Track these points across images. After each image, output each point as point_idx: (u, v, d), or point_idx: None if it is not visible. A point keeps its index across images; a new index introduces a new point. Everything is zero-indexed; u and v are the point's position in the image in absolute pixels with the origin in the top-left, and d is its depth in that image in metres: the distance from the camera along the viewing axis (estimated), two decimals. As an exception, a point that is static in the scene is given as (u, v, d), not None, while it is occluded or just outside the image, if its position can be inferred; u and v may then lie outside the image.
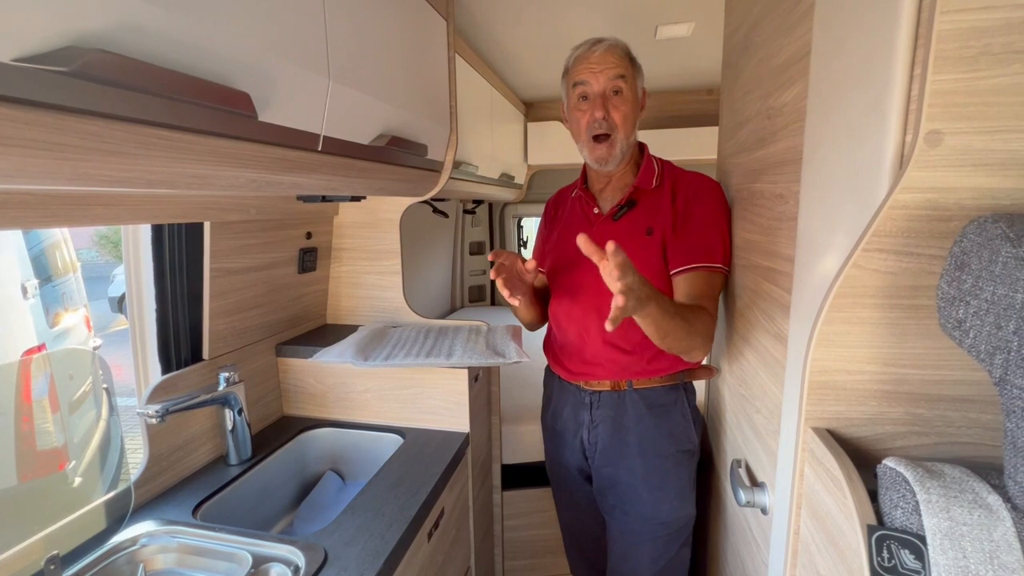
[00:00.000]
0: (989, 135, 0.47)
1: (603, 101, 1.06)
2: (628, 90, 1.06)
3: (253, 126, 0.66)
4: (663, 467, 1.12)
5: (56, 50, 0.42)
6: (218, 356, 1.19)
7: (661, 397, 1.13)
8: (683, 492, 1.14)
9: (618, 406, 1.13)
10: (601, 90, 1.06)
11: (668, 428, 1.12)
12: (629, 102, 1.07)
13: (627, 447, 1.13)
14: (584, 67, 1.07)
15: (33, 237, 2.43)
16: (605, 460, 1.15)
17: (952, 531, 0.40)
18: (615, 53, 1.06)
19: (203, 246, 1.11)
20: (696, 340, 0.95)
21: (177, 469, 1.09)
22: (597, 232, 1.12)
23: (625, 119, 1.07)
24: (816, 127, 0.68)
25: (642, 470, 1.12)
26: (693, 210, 1.07)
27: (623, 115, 1.06)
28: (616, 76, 1.05)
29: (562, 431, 1.22)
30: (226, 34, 0.58)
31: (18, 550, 0.77)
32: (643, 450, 1.12)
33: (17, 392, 1.55)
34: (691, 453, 1.16)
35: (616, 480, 1.15)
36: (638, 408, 1.12)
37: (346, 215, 1.54)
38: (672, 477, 1.13)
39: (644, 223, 1.09)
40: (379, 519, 0.96)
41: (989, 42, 0.46)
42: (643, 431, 1.12)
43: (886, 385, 0.55)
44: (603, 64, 1.05)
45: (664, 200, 1.09)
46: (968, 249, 0.43)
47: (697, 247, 1.04)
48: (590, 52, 1.07)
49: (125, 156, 0.53)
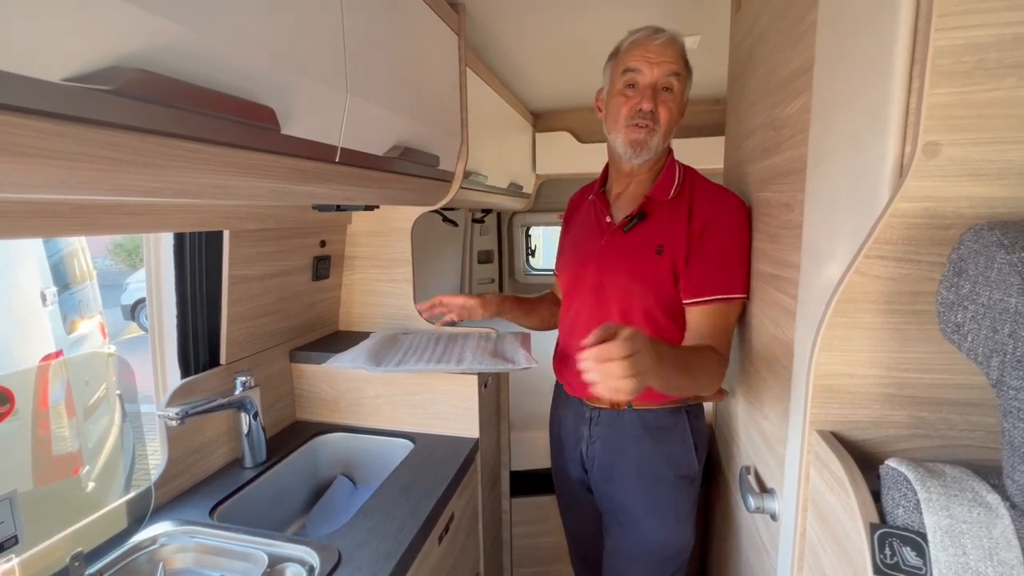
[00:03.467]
0: (985, 146, 0.49)
1: (653, 93, 0.99)
2: (679, 90, 1.01)
3: (276, 139, 0.69)
4: (659, 491, 1.09)
5: (100, 70, 0.45)
6: (235, 361, 1.22)
7: (661, 419, 1.08)
8: (680, 518, 1.10)
9: (616, 425, 1.10)
10: (653, 81, 0.99)
11: (666, 452, 1.08)
12: (677, 101, 1.01)
13: (624, 467, 1.10)
14: (640, 54, 0.99)
15: (52, 245, 2.49)
16: (603, 476, 1.13)
17: (952, 528, 0.41)
18: (674, 48, 1.00)
19: (222, 254, 1.14)
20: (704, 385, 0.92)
21: (194, 471, 1.11)
22: (606, 243, 1.09)
23: (670, 117, 1.01)
24: (819, 138, 0.70)
25: (638, 492, 1.09)
26: (713, 234, 0.99)
27: (669, 112, 1.00)
28: (672, 72, 0.99)
29: (564, 440, 1.21)
30: (253, 52, 0.61)
31: (45, 546, 0.80)
32: (640, 472, 1.09)
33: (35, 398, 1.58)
34: (690, 479, 1.10)
35: (612, 498, 1.13)
36: (636, 429, 1.08)
37: (359, 224, 1.57)
38: (668, 502, 1.09)
39: (655, 239, 1.03)
40: (391, 522, 0.98)
41: (983, 57, 0.48)
42: (640, 453, 1.08)
43: (889, 389, 0.56)
44: (662, 56, 0.98)
45: (680, 215, 1.02)
46: (965, 256, 0.44)
47: (715, 277, 0.98)
48: (649, 40, 0.99)
49: (157, 168, 0.56)
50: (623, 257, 1.06)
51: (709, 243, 0.99)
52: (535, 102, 2.39)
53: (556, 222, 2.93)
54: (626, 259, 1.06)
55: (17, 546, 0.73)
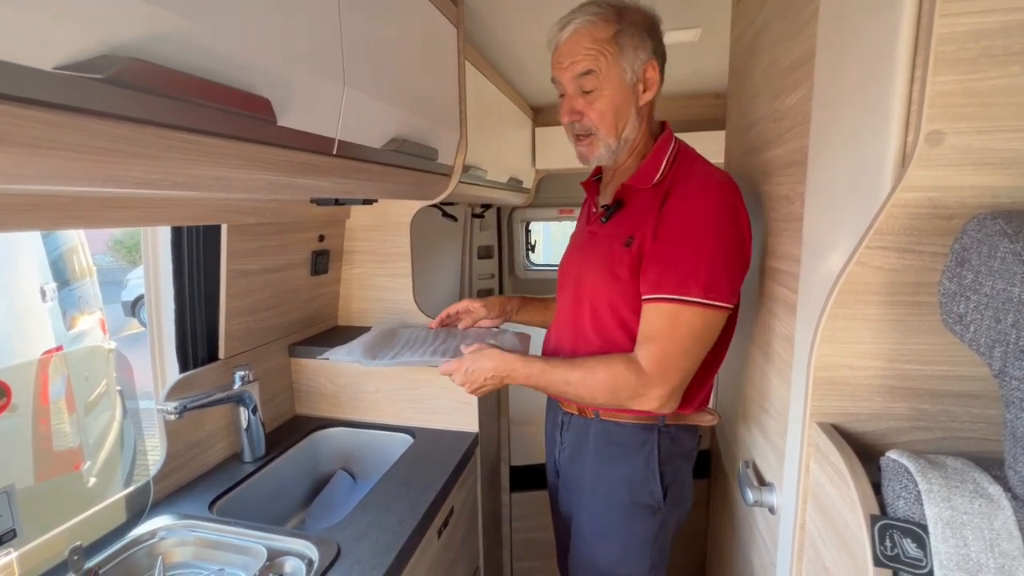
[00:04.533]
0: (989, 135, 0.48)
1: (571, 102, 0.92)
2: (603, 84, 0.89)
3: (272, 130, 0.68)
4: (613, 515, 0.99)
5: (93, 58, 0.45)
6: (233, 356, 1.22)
7: (627, 436, 0.97)
8: (630, 550, 0.98)
9: (582, 434, 1.02)
10: (571, 90, 0.92)
11: (625, 474, 0.97)
12: (605, 97, 0.90)
13: (582, 481, 1.02)
14: (555, 61, 0.93)
15: (52, 242, 2.48)
16: (566, 485, 1.08)
17: (953, 520, 0.41)
18: (584, 40, 0.88)
19: (220, 248, 1.14)
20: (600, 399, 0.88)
21: (193, 466, 1.11)
22: (589, 235, 1.04)
23: (603, 117, 0.91)
24: (821, 129, 0.70)
25: (591, 510, 1.01)
26: (670, 222, 0.86)
27: (599, 113, 0.90)
28: (582, 72, 0.88)
29: (547, 442, 1.18)
30: (249, 42, 0.60)
31: (44, 540, 0.80)
32: (595, 490, 1.00)
33: (35, 394, 1.59)
34: (651, 508, 0.97)
35: (571, 510, 1.06)
36: (599, 441, 0.99)
37: (358, 218, 1.56)
38: (620, 529, 0.98)
39: (627, 230, 0.93)
40: (390, 515, 0.98)
41: (988, 44, 0.47)
42: (598, 469, 1.00)
43: (890, 380, 0.56)
44: (570, 56, 0.89)
45: (655, 203, 0.90)
46: (968, 245, 0.44)
47: (667, 273, 0.84)
48: (558, 40, 0.91)
49: (153, 159, 0.56)
50: (597, 250, 0.99)
51: (664, 232, 0.86)
52: (535, 96, 2.37)
53: (556, 217, 2.92)
54: (599, 252, 0.98)
55: (15, 540, 0.73)
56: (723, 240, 0.84)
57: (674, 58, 1.90)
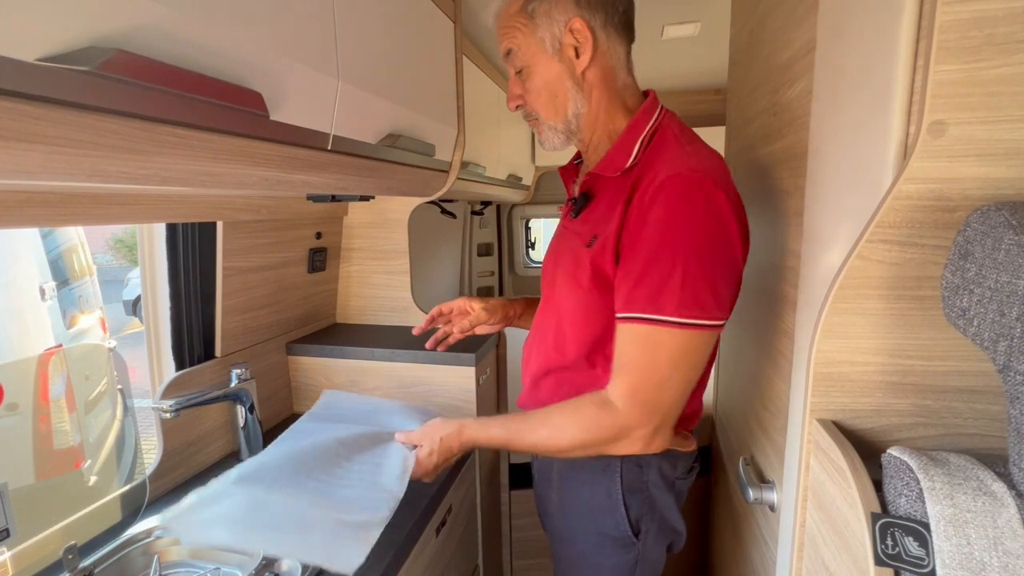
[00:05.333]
0: (993, 125, 0.47)
1: (511, 87, 0.85)
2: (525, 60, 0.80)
3: (265, 125, 0.67)
4: (580, 545, 0.89)
5: (77, 50, 0.44)
6: (230, 354, 1.21)
7: (589, 460, 0.84)
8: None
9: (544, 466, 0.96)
10: (510, 75, 0.85)
11: (586, 503, 0.87)
12: (534, 76, 0.81)
13: (548, 504, 0.95)
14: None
15: (51, 240, 2.48)
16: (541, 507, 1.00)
17: (956, 518, 0.40)
18: (502, 20, 0.82)
19: (216, 245, 1.13)
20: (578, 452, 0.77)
21: (190, 464, 1.11)
22: (563, 230, 0.93)
23: (537, 96, 0.82)
24: (821, 121, 0.69)
25: (561, 536, 0.92)
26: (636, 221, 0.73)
27: (533, 94, 0.82)
28: (504, 55, 0.83)
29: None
30: (239, 35, 0.59)
31: (38, 539, 0.79)
32: (562, 514, 0.91)
33: (35, 392, 1.58)
34: (619, 542, 0.85)
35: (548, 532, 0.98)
36: (562, 463, 0.89)
37: (355, 215, 1.56)
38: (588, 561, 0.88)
39: (591, 228, 0.81)
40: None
41: (992, 32, 0.46)
42: (563, 493, 0.90)
43: (891, 376, 0.55)
44: (500, 37, 0.83)
45: (622, 195, 0.76)
46: (972, 238, 0.43)
47: (638, 287, 0.71)
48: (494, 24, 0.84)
49: (140, 153, 0.55)
50: (566, 251, 0.87)
51: (629, 238, 0.73)
52: (534, 93, 2.36)
53: (557, 214, 2.90)
54: (567, 253, 0.86)
55: (9, 539, 0.73)
56: (699, 243, 0.69)
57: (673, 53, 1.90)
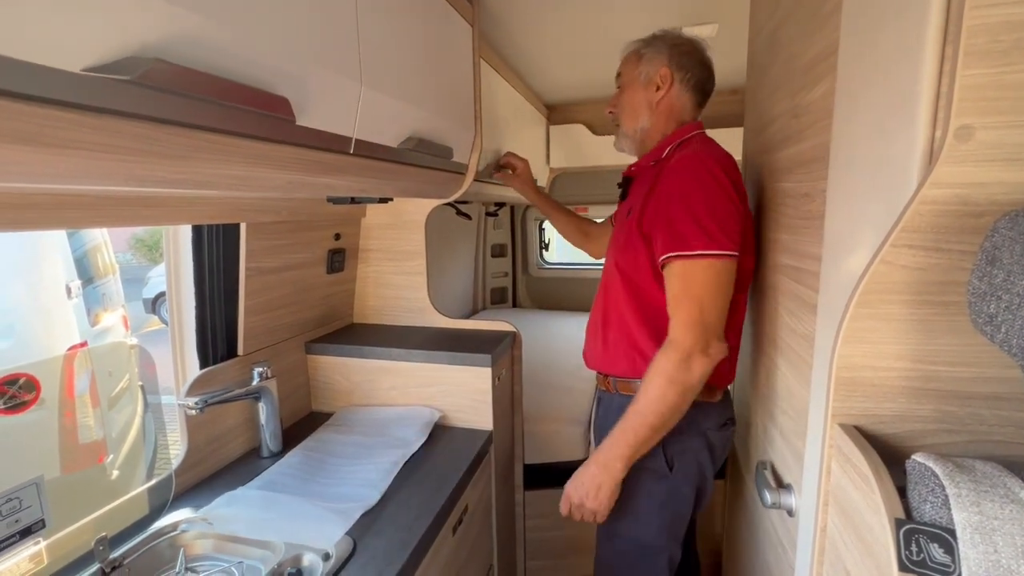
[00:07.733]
0: (1021, 129, 0.46)
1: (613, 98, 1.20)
2: (625, 82, 1.15)
3: (291, 129, 0.69)
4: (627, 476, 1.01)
5: (119, 60, 0.46)
6: (252, 352, 1.24)
7: None
8: (640, 510, 1.05)
9: (608, 408, 1.12)
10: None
11: None
12: (625, 91, 1.15)
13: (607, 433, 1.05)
14: None
15: (77, 240, 2.54)
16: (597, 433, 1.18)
17: (983, 525, 0.39)
18: (626, 54, 1.17)
19: (239, 246, 1.16)
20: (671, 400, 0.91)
21: (213, 460, 1.13)
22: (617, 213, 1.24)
23: (621, 108, 1.16)
24: (843, 124, 0.68)
25: None
26: (660, 190, 0.98)
27: (620, 105, 1.16)
28: (617, 75, 1.19)
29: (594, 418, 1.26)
30: (268, 43, 0.61)
31: (70, 531, 0.82)
32: None
33: (61, 388, 1.63)
34: (655, 474, 1.04)
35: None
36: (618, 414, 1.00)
37: (373, 217, 1.58)
38: (630, 489, 1.03)
39: (630, 204, 1.12)
40: (405, 512, 0.99)
41: (1021, 36, 0.45)
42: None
43: (915, 382, 0.54)
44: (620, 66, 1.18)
45: (653, 178, 1.04)
46: (1000, 244, 0.43)
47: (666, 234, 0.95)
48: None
49: (175, 158, 0.57)
50: (618, 225, 1.16)
51: (656, 203, 0.99)
52: (550, 94, 2.37)
53: (570, 215, 2.91)
54: (618, 225, 1.16)
55: (44, 530, 0.75)
56: (708, 194, 0.93)
57: (691, 54, 1.88)
